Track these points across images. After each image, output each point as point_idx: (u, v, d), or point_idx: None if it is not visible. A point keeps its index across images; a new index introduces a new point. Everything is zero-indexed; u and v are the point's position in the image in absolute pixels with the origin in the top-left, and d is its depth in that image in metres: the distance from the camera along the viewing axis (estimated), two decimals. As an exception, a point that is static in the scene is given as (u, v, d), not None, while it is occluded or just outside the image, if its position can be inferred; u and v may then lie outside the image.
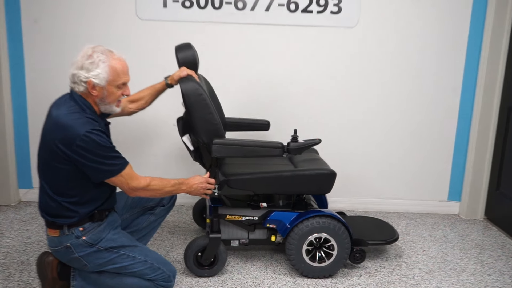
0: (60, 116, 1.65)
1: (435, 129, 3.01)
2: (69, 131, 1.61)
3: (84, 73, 1.67)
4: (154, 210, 2.08)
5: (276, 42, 2.88)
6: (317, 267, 2.19)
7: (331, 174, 2.16)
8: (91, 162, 1.64)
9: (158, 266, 1.83)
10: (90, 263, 1.77)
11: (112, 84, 1.71)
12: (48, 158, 1.68)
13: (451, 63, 2.91)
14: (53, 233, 1.75)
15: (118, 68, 1.71)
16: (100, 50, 1.70)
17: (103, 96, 1.72)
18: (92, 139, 1.62)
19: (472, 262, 2.45)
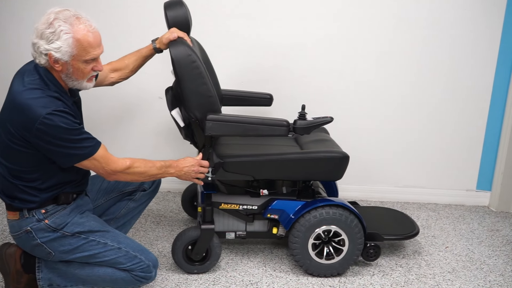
0: (19, 93, 1.63)
1: (464, 111, 3.02)
2: (27, 113, 1.59)
3: (44, 44, 1.62)
4: (133, 196, 2.09)
5: (281, 2, 2.84)
6: (324, 264, 2.22)
7: (343, 157, 2.17)
8: (55, 147, 1.63)
9: (135, 255, 1.82)
10: (54, 250, 1.78)
11: (78, 59, 1.66)
12: (4, 137, 1.68)
13: (484, 46, 2.92)
14: (13, 216, 1.76)
15: (85, 41, 1.65)
16: (64, 16, 1.63)
17: (68, 72, 1.69)
18: (54, 122, 1.59)
19: (502, 260, 2.49)
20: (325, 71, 2.95)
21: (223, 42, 2.88)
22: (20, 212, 1.75)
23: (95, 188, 2.02)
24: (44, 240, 1.76)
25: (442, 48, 2.93)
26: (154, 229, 2.64)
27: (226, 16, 2.86)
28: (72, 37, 1.63)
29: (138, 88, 2.89)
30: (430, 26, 2.89)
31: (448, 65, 2.96)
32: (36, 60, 1.67)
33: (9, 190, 1.74)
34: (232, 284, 2.16)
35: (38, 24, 1.65)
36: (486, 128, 3.06)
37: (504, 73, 2.96)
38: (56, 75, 1.70)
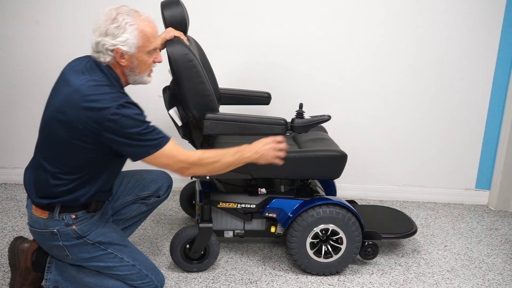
0: (87, 88, 1.61)
1: (463, 110, 3.01)
2: (99, 105, 1.58)
3: (109, 39, 1.64)
4: (148, 200, 2.09)
5: (280, 0, 2.83)
6: (322, 262, 2.21)
7: (341, 156, 2.16)
8: (126, 139, 1.61)
9: (146, 274, 1.84)
10: (73, 255, 1.78)
11: (143, 51, 1.69)
12: (60, 133, 1.65)
13: (484, 44, 2.90)
14: (40, 214, 1.74)
15: (148, 31, 1.68)
16: (125, 11, 1.66)
17: (133, 66, 1.71)
18: (126, 113, 1.59)
19: (501, 259, 2.48)
20: (323, 69, 2.94)
21: (221, 40, 2.88)
22: (50, 213, 1.73)
23: (113, 191, 2.01)
24: (66, 244, 1.76)
25: (442, 47, 2.92)
26: (153, 227, 2.64)
27: (224, 14, 2.85)
28: (137, 28, 1.65)
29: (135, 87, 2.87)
30: (430, 26, 2.88)
31: (447, 65, 2.94)
32: (101, 59, 1.68)
33: (46, 191, 1.72)
34: (231, 283, 2.16)
35: (100, 23, 1.66)
36: (485, 127, 3.05)
37: (503, 72, 2.95)
38: (118, 71, 1.71)
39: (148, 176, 2.10)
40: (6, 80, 2.96)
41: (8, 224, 2.57)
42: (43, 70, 2.93)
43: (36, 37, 2.89)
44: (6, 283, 2.04)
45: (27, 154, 3.04)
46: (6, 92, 2.98)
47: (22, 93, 2.98)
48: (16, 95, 2.98)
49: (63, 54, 2.89)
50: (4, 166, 3.10)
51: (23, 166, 3.02)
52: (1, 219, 2.62)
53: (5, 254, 2.26)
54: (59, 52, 2.90)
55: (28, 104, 2.99)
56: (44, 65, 2.92)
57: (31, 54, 2.91)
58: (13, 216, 2.66)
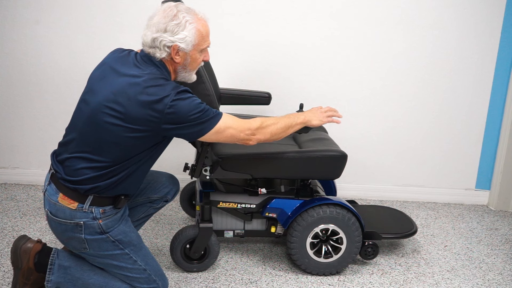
0: (144, 81, 1.63)
1: (463, 110, 3.01)
2: (157, 97, 1.61)
3: (168, 36, 1.66)
4: (156, 204, 2.10)
5: (281, 0, 2.84)
6: (322, 263, 2.21)
7: (341, 156, 2.16)
8: (187, 123, 1.65)
9: (155, 279, 1.85)
10: (91, 248, 1.76)
11: (197, 49, 1.73)
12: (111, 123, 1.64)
13: (484, 44, 2.90)
14: (68, 203, 1.71)
15: (204, 30, 1.73)
16: (184, 9, 1.70)
17: (186, 63, 1.74)
18: (184, 99, 1.63)
19: (501, 259, 2.48)
20: (323, 70, 2.94)
21: (221, 40, 2.88)
22: (80, 204, 1.70)
23: None
24: (88, 238, 1.74)
25: (442, 48, 2.91)
26: (153, 227, 2.63)
27: (224, 14, 2.85)
28: (195, 27, 1.70)
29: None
30: (430, 26, 2.88)
31: (447, 65, 2.94)
32: (156, 54, 1.69)
33: (82, 179, 1.69)
34: (231, 283, 2.16)
35: (158, 19, 1.68)
36: (485, 127, 3.04)
37: (503, 72, 2.95)
38: (171, 68, 1.74)
39: (160, 179, 2.11)
40: (6, 80, 2.95)
41: (8, 224, 2.57)
42: (43, 70, 2.93)
43: (36, 37, 2.89)
44: (6, 283, 2.04)
45: (27, 154, 3.06)
46: (6, 92, 2.97)
47: (22, 93, 2.97)
48: (16, 95, 2.98)
49: (63, 54, 2.91)
50: (4, 166, 3.10)
51: (23, 166, 3.06)
52: (1, 219, 2.61)
53: (5, 254, 2.26)
54: (59, 52, 2.90)
55: (28, 104, 2.99)
56: (44, 65, 2.92)
57: (31, 54, 2.91)
58: (13, 216, 2.66)
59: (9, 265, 2.16)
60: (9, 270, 2.13)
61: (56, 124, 2.99)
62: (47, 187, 1.77)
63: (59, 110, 2.97)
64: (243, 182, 2.27)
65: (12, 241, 2.36)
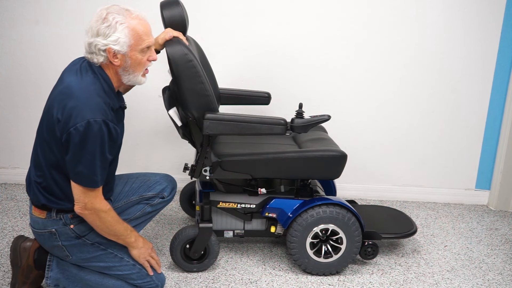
0: (75, 89, 1.62)
1: (463, 110, 3.01)
2: (76, 109, 1.57)
3: (101, 40, 1.64)
4: (152, 201, 2.09)
5: (280, 0, 2.83)
6: (322, 262, 2.21)
7: (341, 156, 2.16)
8: (76, 154, 1.59)
9: (147, 273, 1.86)
10: (73, 255, 1.79)
11: (135, 49, 1.69)
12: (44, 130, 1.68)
13: (484, 44, 2.90)
14: (39, 214, 1.76)
15: (140, 29, 1.68)
16: (116, 10, 1.67)
17: (126, 65, 1.71)
18: (93, 132, 1.56)
19: (501, 259, 2.48)
20: (323, 69, 2.94)
21: (221, 40, 2.88)
22: (48, 212, 1.74)
23: (117, 190, 2.02)
24: (66, 244, 1.77)
25: (442, 47, 2.91)
26: (153, 227, 2.63)
27: (224, 14, 2.85)
28: (127, 26, 1.65)
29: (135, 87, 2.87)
30: (430, 26, 2.88)
31: (447, 65, 2.94)
32: (94, 60, 1.68)
33: (47, 189, 1.72)
34: (231, 283, 2.16)
35: (91, 23, 1.67)
36: (485, 127, 3.04)
37: (503, 72, 2.95)
38: (111, 72, 1.71)
39: (153, 178, 2.11)
40: (6, 80, 2.96)
41: (8, 224, 2.57)
42: (43, 70, 2.93)
43: (36, 37, 2.89)
44: (6, 283, 2.04)
45: (27, 154, 3.03)
46: (6, 92, 2.98)
47: (22, 93, 2.97)
48: (16, 95, 2.98)
49: (63, 54, 2.90)
50: (4, 166, 3.10)
51: (23, 166, 3.06)
52: (1, 219, 2.61)
53: (5, 254, 2.26)
54: (59, 52, 2.90)
55: (28, 104, 2.99)
56: (44, 65, 2.92)
57: (31, 54, 2.91)
58: (13, 216, 2.66)
59: (9, 265, 2.16)
60: (9, 270, 2.13)
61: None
62: (30, 202, 1.82)
63: (59, 110, 2.97)
64: (243, 182, 2.27)
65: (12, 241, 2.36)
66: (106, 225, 1.73)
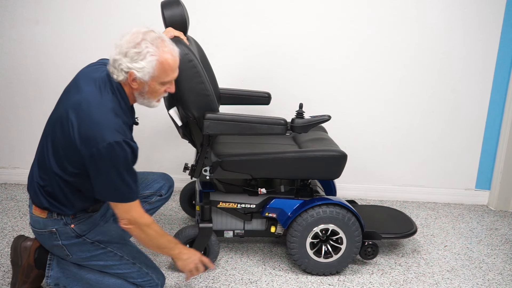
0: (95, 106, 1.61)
1: (463, 110, 3.01)
2: (96, 130, 1.57)
3: (127, 62, 1.64)
4: (150, 199, 2.10)
5: (280, 0, 2.84)
6: (322, 262, 2.21)
7: (341, 156, 2.16)
8: (103, 175, 1.61)
9: (147, 272, 1.86)
10: (73, 254, 1.80)
11: (156, 81, 1.69)
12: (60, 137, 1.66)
13: (484, 44, 2.91)
14: (40, 213, 1.76)
15: (167, 64, 1.67)
16: (151, 38, 1.64)
17: (143, 91, 1.71)
18: (117, 151, 1.58)
19: (501, 259, 2.48)
20: (323, 69, 2.94)
21: (221, 40, 2.88)
22: (49, 212, 1.74)
23: None
24: (66, 243, 1.77)
25: (442, 47, 2.91)
26: (153, 228, 2.63)
27: (225, 14, 2.85)
28: (157, 59, 1.64)
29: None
30: (430, 26, 2.88)
31: (447, 65, 2.94)
32: (114, 75, 1.68)
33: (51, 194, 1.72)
34: (231, 283, 2.16)
35: (122, 41, 1.66)
36: (485, 127, 3.05)
37: (503, 72, 2.95)
38: (128, 91, 1.71)
39: (150, 177, 2.12)
40: (6, 80, 2.96)
41: (8, 224, 2.57)
42: (43, 70, 2.93)
43: (36, 37, 2.89)
44: (6, 283, 2.04)
45: (27, 154, 3.05)
46: (6, 92, 2.98)
47: (22, 93, 2.97)
48: (16, 95, 2.98)
49: (63, 54, 2.91)
50: (4, 166, 3.10)
51: (23, 166, 3.06)
52: (1, 219, 2.61)
53: (5, 254, 2.26)
54: (59, 52, 2.90)
55: (28, 104, 2.99)
56: (44, 65, 2.92)
57: (31, 54, 2.91)
58: (13, 216, 2.66)
59: (9, 264, 2.17)
60: (9, 270, 2.13)
61: (56, 124, 2.99)
62: (29, 200, 1.82)
63: (59, 110, 2.97)
64: (243, 182, 2.27)
65: (12, 241, 2.36)
66: (149, 238, 1.76)
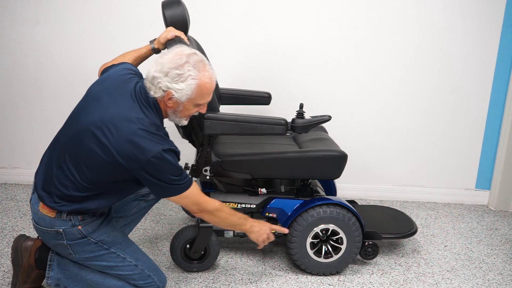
0: (138, 122, 1.63)
1: (463, 110, 3.01)
2: (144, 145, 1.61)
3: (166, 81, 1.66)
4: (147, 197, 2.11)
5: (281, 0, 2.83)
6: (322, 263, 2.21)
7: (341, 156, 2.16)
8: (159, 181, 1.67)
9: (149, 274, 1.85)
10: (76, 253, 1.79)
11: (192, 102, 1.72)
12: (93, 149, 1.65)
13: (484, 44, 2.91)
14: (48, 212, 1.74)
15: (205, 88, 1.71)
16: (194, 61, 1.68)
17: (176, 110, 1.74)
18: (165, 159, 1.64)
19: (501, 259, 2.48)
20: (323, 70, 2.94)
21: (221, 40, 2.88)
22: (58, 212, 1.73)
23: None
24: (70, 243, 1.77)
25: (442, 47, 2.91)
26: (153, 227, 2.63)
27: (225, 14, 2.85)
28: (197, 83, 1.68)
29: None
30: (430, 26, 2.88)
31: (447, 65, 2.94)
32: (150, 91, 1.69)
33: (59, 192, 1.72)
34: (231, 283, 2.16)
35: (164, 59, 1.68)
36: (485, 127, 3.05)
37: (504, 71, 2.95)
38: (162, 107, 1.74)
39: None
40: (6, 80, 2.96)
41: (8, 224, 2.57)
42: (43, 70, 2.93)
43: (36, 37, 2.89)
44: (6, 283, 2.04)
45: (27, 154, 3.05)
46: (6, 92, 2.98)
47: (22, 93, 2.97)
48: (16, 95, 2.98)
49: (63, 54, 2.91)
50: (4, 166, 3.10)
51: (23, 166, 3.06)
52: (1, 219, 2.61)
53: (5, 254, 2.26)
54: (59, 52, 2.90)
55: (28, 104, 2.99)
56: (44, 65, 2.92)
57: (31, 54, 2.91)
58: (13, 216, 2.66)
59: (9, 265, 2.17)
60: (9, 270, 2.13)
61: (56, 124, 2.97)
62: (32, 196, 1.81)
63: (58, 110, 2.97)
64: (243, 182, 2.27)
65: (12, 241, 2.36)
66: (221, 219, 1.88)
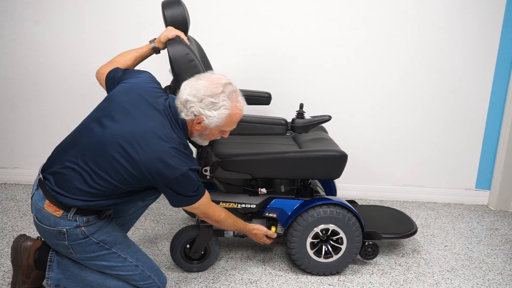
0: (170, 143, 1.68)
1: (463, 110, 3.01)
2: (173, 164, 1.67)
3: (199, 107, 1.72)
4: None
5: (281, 0, 2.84)
6: (322, 263, 2.21)
7: (341, 156, 2.16)
8: (179, 195, 1.75)
9: (149, 275, 1.86)
10: (77, 253, 1.79)
11: (219, 129, 1.79)
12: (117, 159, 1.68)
13: (484, 44, 2.91)
14: (54, 211, 1.73)
15: (235, 118, 1.79)
16: (228, 91, 1.74)
17: (202, 133, 1.81)
18: (190, 178, 1.71)
19: (501, 259, 2.48)
20: (323, 70, 2.94)
21: (221, 40, 2.88)
22: (65, 212, 1.73)
23: None
24: (72, 243, 1.77)
25: (442, 47, 2.92)
26: (153, 227, 2.63)
27: (225, 14, 2.85)
28: (228, 113, 1.75)
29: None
30: (430, 26, 2.88)
31: (447, 65, 2.94)
32: (182, 114, 1.74)
33: (73, 191, 1.72)
34: (231, 283, 2.16)
35: (200, 84, 1.73)
36: (485, 127, 3.05)
37: (504, 71, 2.95)
38: (189, 127, 1.79)
39: None
40: (6, 80, 2.96)
41: (8, 224, 2.57)
42: (43, 70, 2.93)
43: (36, 37, 2.89)
44: (6, 283, 2.04)
45: (27, 154, 3.06)
46: (6, 92, 2.98)
47: (22, 93, 2.98)
48: (16, 95, 2.98)
49: (63, 54, 2.91)
50: (4, 166, 3.10)
51: (23, 166, 3.07)
52: (1, 219, 2.61)
53: (5, 254, 2.26)
54: (59, 52, 2.90)
55: (28, 104, 2.99)
56: (44, 65, 2.92)
57: (31, 54, 2.91)
58: (13, 216, 2.66)
59: (9, 265, 2.17)
60: (9, 270, 2.13)
61: (56, 124, 2.99)
62: (35, 192, 1.79)
63: (58, 110, 2.97)
64: (243, 182, 2.27)
65: (12, 241, 2.36)
66: (225, 226, 2.01)
